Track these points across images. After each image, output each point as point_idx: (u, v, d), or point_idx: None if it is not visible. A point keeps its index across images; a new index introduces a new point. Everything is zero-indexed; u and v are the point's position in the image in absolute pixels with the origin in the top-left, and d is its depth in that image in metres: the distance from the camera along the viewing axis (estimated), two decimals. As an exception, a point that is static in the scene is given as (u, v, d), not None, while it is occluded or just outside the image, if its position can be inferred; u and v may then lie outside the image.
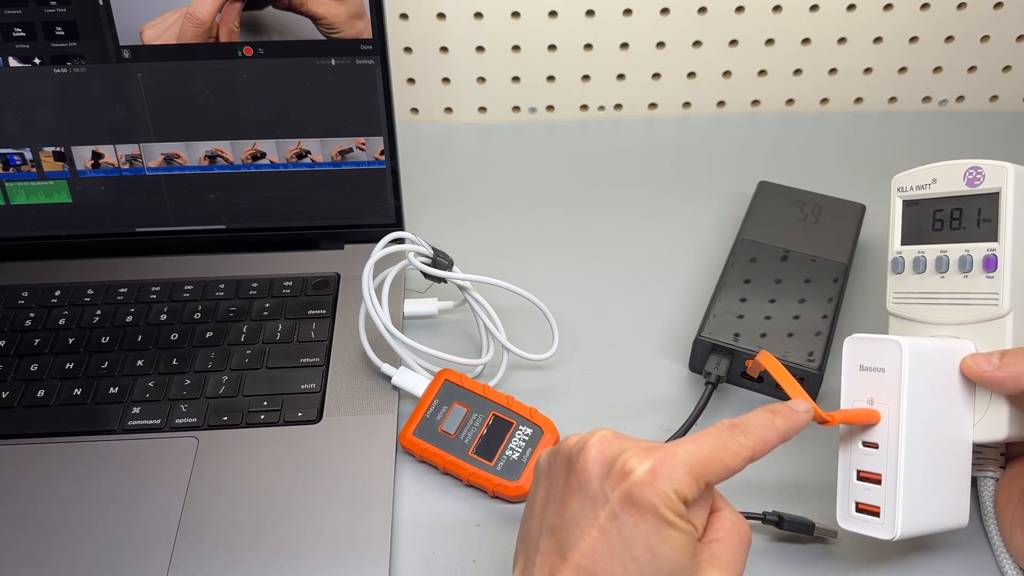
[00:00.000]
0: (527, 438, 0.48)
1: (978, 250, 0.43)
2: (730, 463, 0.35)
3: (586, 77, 0.75)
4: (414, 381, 0.52)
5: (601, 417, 0.53)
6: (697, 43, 0.74)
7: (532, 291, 0.54)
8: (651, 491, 0.33)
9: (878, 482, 0.40)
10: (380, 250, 0.52)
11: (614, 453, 0.35)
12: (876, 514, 0.40)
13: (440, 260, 0.53)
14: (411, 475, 0.50)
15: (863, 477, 0.41)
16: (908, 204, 0.47)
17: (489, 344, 0.54)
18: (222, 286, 0.59)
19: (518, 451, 0.48)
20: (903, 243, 0.47)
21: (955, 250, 0.44)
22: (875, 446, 0.41)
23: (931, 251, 0.45)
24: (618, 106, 0.77)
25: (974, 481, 0.44)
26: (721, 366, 0.52)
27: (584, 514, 0.34)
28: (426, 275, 0.54)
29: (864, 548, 0.46)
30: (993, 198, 0.43)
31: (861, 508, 0.41)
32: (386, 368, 0.52)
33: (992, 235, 0.43)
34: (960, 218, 0.44)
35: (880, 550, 0.45)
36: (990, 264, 0.42)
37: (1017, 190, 0.42)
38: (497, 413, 0.49)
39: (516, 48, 0.73)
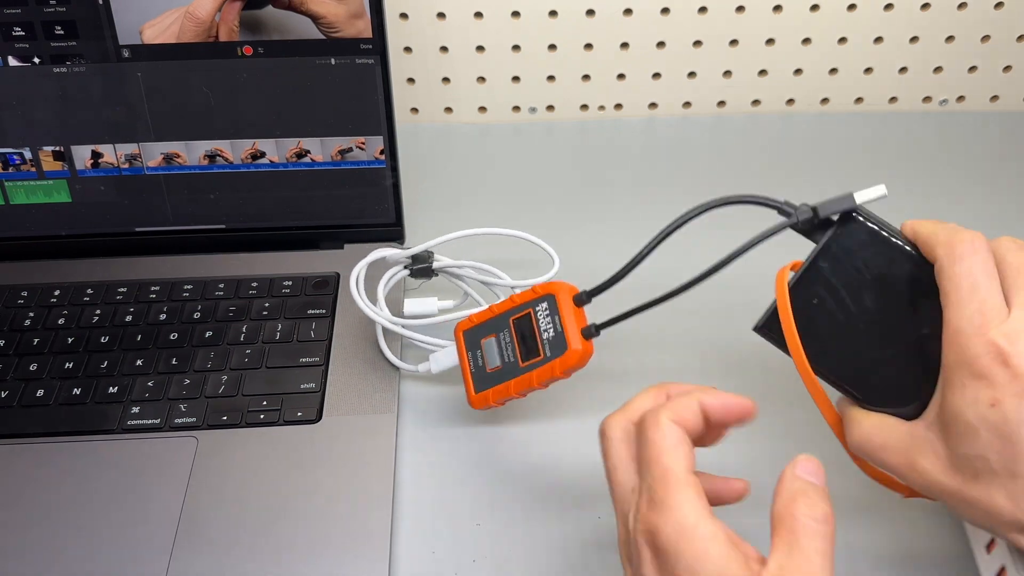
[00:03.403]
0: (548, 312, 0.47)
1: None
2: None
3: (586, 77, 0.75)
4: (446, 355, 0.52)
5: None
6: (697, 43, 0.74)
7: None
8: None
9: None
10: (363, 265, 0.54)
11: None
12: None
13: (420, 256, 0.55)
14: (411, 475, 0.50)
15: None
16: None
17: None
18: (222, 286, 0.59)
19: (551, 328, 0.47)
20: None
21: None
22: None
23: None
24: (618, 106, 0.77)
25: None
26: None
27: None
28: (416, 274, 0.55)
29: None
30: None
31: None
32: (423, 367, 0.52)
33: None
34: None
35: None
36: None
37: None
38: (514, 318, 0.49)
39: (516, 48, 0.73)
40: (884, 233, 0.39)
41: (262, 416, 0.51)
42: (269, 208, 0.61)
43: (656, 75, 0.75)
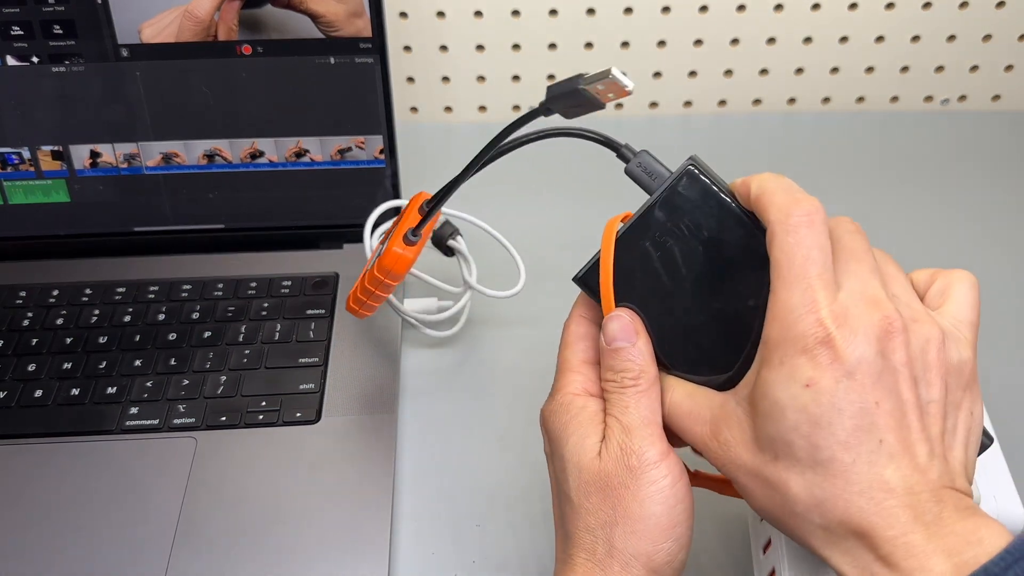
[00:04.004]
0: (399, 220, 0.45)
1: None
2: None
3: (586, 76, 0.75)
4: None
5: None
6: (698, 42, 0.73)
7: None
8: None
9: None
10: (381, 209, 0.54)
11: None
12: None
13: (442, 229, 0.56)
14: (411, 475, 0.50)
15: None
16: None
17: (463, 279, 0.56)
18: (220, 286, 0.59)
19: (391, 232, 0.45)
20: None
21: None
22: None
23: None
24: (618, 105, 0.77)
25: None
26: None
27: None
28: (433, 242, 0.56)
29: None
30: None
31: None
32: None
33: None
34: None
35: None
36: None
37: None
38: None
39: (516, 47, 0.73)
40: (719, 192, 0.37)
41: (261, 417, 0.51)
42: (268, 208, 0.61)
43: (656, 74, 0.75)
